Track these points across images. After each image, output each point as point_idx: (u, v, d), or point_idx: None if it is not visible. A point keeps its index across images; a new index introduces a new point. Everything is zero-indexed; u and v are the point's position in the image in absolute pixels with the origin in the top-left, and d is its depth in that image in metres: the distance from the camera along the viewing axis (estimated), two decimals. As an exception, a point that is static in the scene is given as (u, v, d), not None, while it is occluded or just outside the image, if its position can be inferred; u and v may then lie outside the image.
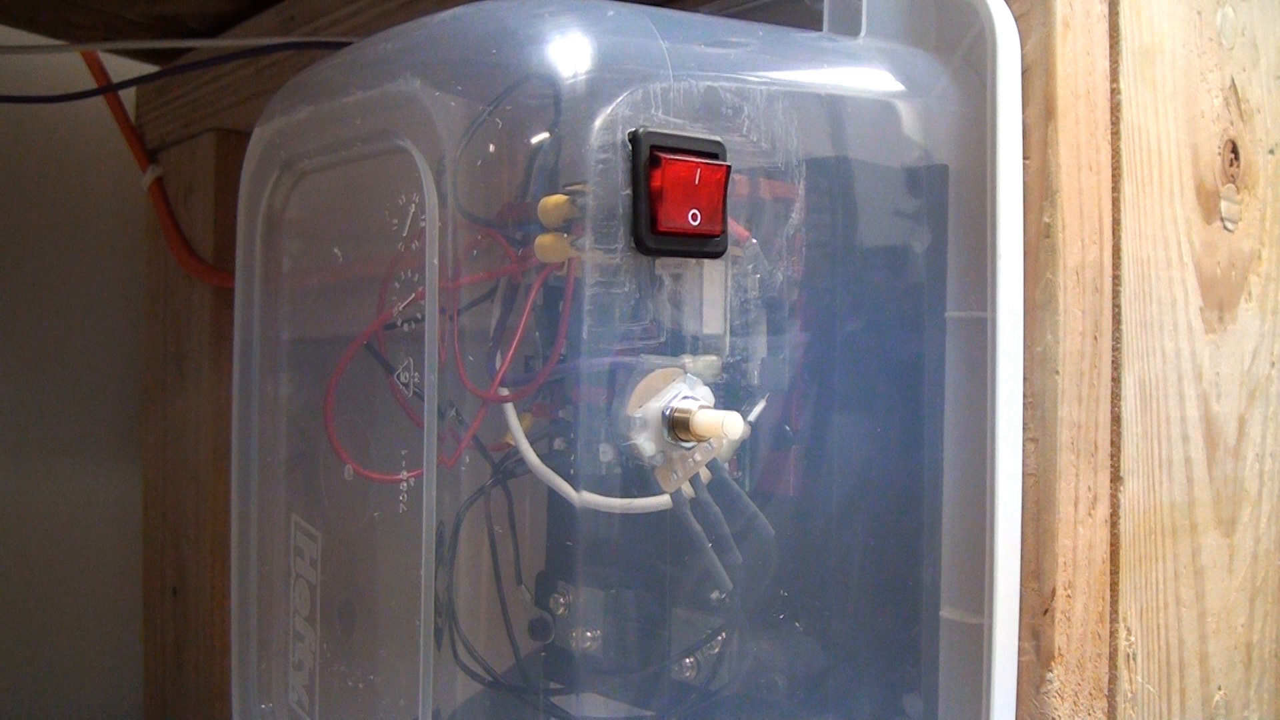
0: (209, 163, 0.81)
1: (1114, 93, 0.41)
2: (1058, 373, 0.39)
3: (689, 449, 0.34)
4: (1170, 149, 0.43)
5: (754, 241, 0.36)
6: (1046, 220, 0.39)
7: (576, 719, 0.34)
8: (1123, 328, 0.41)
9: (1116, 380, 0.41)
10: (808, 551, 0.39)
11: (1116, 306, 0.41)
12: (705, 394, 0.35)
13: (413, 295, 0.39)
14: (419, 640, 0.36)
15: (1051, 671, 0.38)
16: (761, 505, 0.37)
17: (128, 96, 0.86)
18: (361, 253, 0.44)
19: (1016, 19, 0.39)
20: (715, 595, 0.36)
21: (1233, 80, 0.46)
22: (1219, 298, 0.46)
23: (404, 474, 0.39)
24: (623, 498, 0.34)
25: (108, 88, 0.78)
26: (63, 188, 0.88)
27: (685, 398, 0.34)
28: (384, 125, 0.39)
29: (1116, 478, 0.41)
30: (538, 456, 0.34)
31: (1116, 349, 0.41)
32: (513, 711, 0.37)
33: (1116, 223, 0.41)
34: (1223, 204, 0.46)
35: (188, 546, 0.84)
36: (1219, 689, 0.46)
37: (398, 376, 0.39)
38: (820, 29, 0.42)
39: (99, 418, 0.91)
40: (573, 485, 0.33)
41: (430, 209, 0.35)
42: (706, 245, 0.34)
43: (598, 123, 0.32)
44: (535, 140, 0.34)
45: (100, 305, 0.91)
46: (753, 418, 0.36)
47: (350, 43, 0.46)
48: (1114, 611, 0.41)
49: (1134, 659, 0.41)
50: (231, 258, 0.49)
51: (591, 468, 0.33)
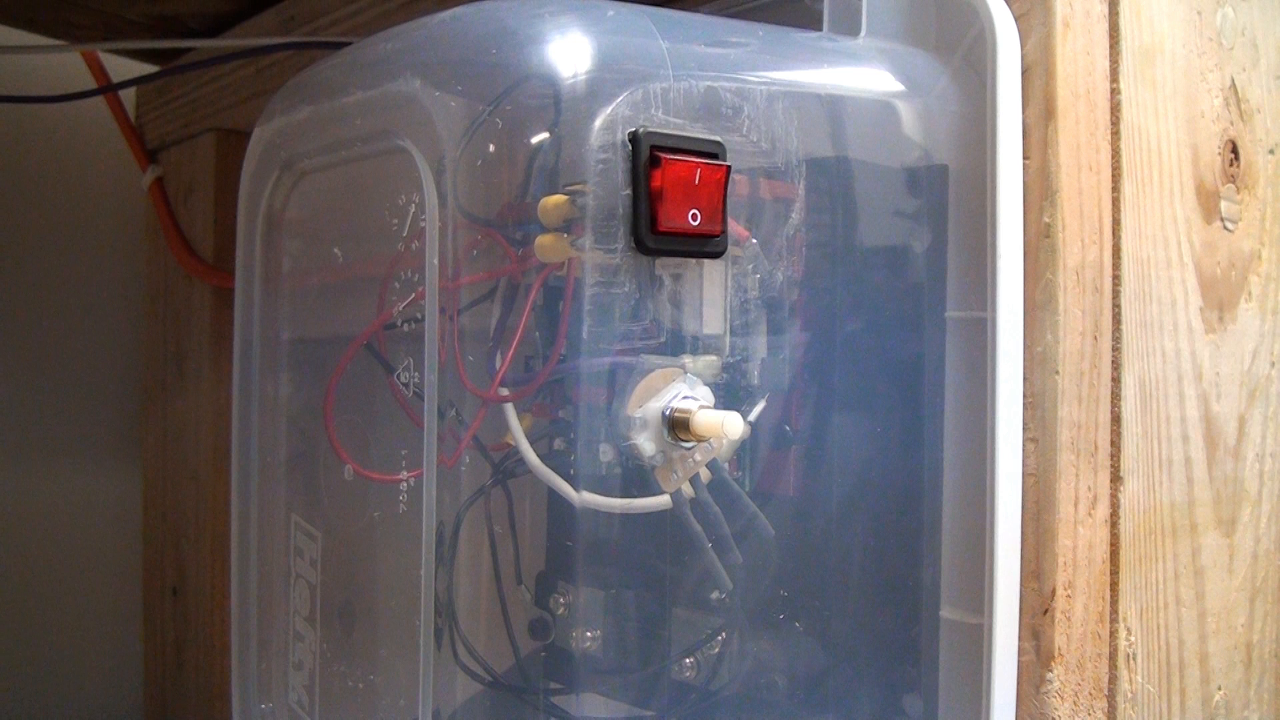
0: (209, 163, 0.81)
1: (1114, 93, 0.41)
2: (1058, 373, 0.39)
3: (689, 449, 0.34)
4: (1170, 149, 0.43)
5: (754, 241, 0.36)
6: (1046, 220, 0.39)
7: (576, 719, 0.34)
8: (1123, 328, 0.41)
9: (1116, 380, 0.41)
10: (808, 551, 0.39)
11: (1116, 306, 0.41)
12: (705, 394, 0.35)
13: (413, 295, 0.39)
14: (419, 640, 0.36)
15: (1051, 671, 0.38)
16: (761, 505, 0.37)
17: (128, 96, 0.86)
18: (361, 253, 0.44)
19: (1016, 19, 0.39)
20: (715, 595, 0.36)
21: (1233, 80, 0.46)
22: (1219, 298, 0.46)
23: (404, 474, 0.39)
24: (623, 498, 0.34)
25: (108, 88, 0.78)
26: (63, 188, 0.88)
27: (685, 398, 0.34)
28: (384, 125, 0.39)
29: (1116, 478, 0.41)
30: (538, 456, 0.34)
31: (1116, 349, 0.41)
32: (513, 711, 0.37)
33: (1116, 223, 0.41)
34: (1223, 204, 0.46)
35: (188, 546, 0.84)
36: (1219, 689, 0.46)
37: (398, 376, 0.39)
38: (820, 29, 0.42)
39: (99, 418, 0.91)
40: (573, 485, 0.33)
41: (430, 209, 0.35)
42: (706, 245, 0.34)
43: (598, 123, 0.32)
44: (535, 140, 0.34)
45: (100, 305, 0.91)
46: (753, 418, 0.36)
47: (350, 43, 0.46)
48: (1114, 611, 0.41)
49: (1134, 659, 0.41)
50: (231, 258, 0.49)
51: (591, 468, 0.33)
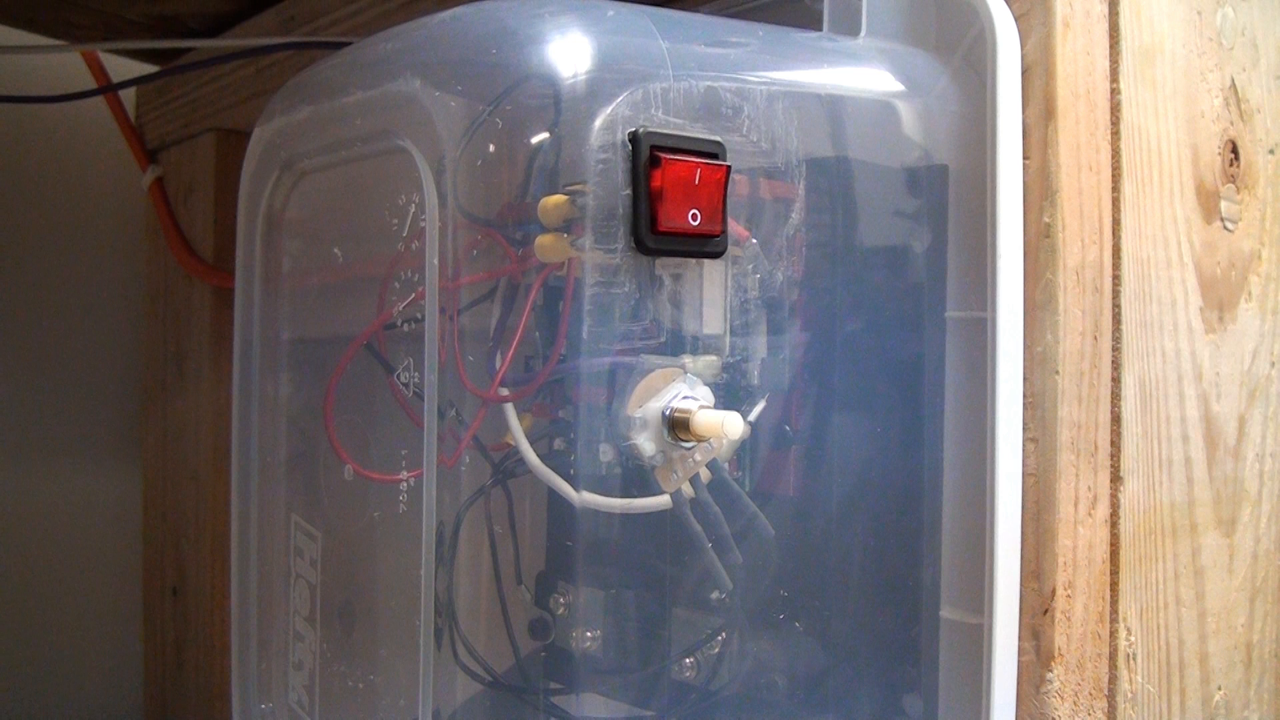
0: (209, 163, 0.81)
1: (1114, 93, 0.41)
2: (1058, 373, 0.39)
3: (689, 449, 0.34)
4: (1170, 149, 0.43)
5: (754, 241, 0.36)
6: (1046, 220, 0.39)
7: (576, 719, 0.34)
8: (1123, 328, 0.41)
9: (1116, 380, 0.41)
10: (808, 551, 0.39)
11: (1116, 306, 0.41)
12: (705, 394, 0.35)
13: (413, 295, 0.39)
14: (419, 640, 0.36)
15: (1051, 671, 0.38)
16: (761, 505, 0.37)
17: (128, 96, 0.86)
18: (361, 253, 0.44)
19: (1016, 19, 0.39)
20: (715, 595, 0.36)
21: (1233, 80, 0.46)
22: (1219, 298, 0.46)
23: (404, 474, 0.39)
24: (623, 498, 0.34)
25: (108, 88, 0.78)
26: (63, 188, 0.88)
27: (685, 398, 0.34)
28: (384, 125, 0.39)
29: (1116, 478, 0.41)
30: (538, 456, 0.34)
31: (1116, 349, 0.41)
32: (513, 711, 0.37)
33: (1116, 223, 0.41)
34: (1223, 204, 0.46)
35: (188, 546, 0.84)
36: (1219, 689, 0.46)
37: (398, 376, 0.39)
38: (820, 29, 0.42)
39: (99, 418, 0.91)
40: (573, 485, 0.33)
41: (430, 209, 0.35)
42: (706, 245, 0.34)
43: (598, 123, 0.32)
44: (535, 140, 0.34)
45: (100, 305, 0.91)
46: (753, 418, 0.36)
47: (350, 43, 0.46)
48: (1114, 611, 0.41)
49: (1134, 659, 0.41)
50: (231, 258, 0.49)
51: (591, 468, 0.33)
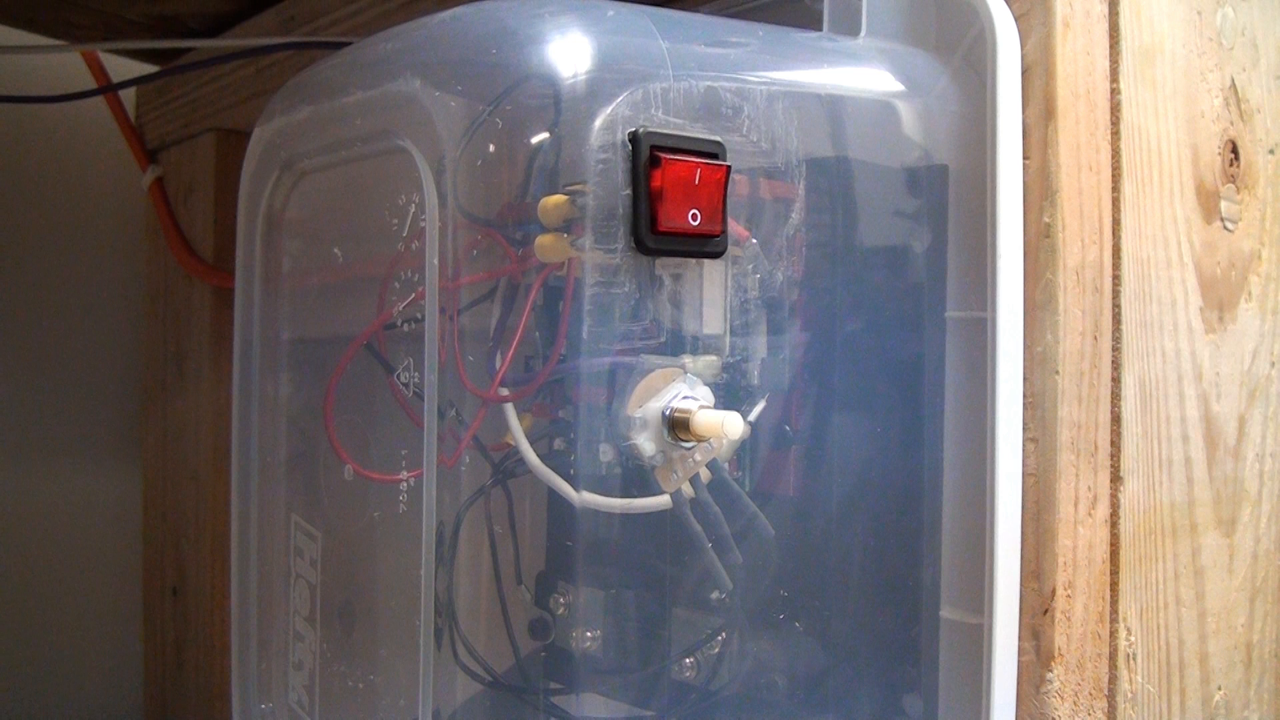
0: (209, 163, 0.81)
1: (1114, 93, 0.41)
2: (1058, 373, 0.39)
3: (689, 449, 0.34)
4: (1170, 149, 0.43)
5: (754, 241, 0.36)
6: (1046, 220, 0.39)
7: (576, 719, 0.34)
8: (1123, 328, 0.41)
9: (1116, 380, 0.41)
10: (808, 551, 0.39)
11: (1116, 306, 0.41)
12: (705, 394, 0.35)
13: (413, 295, 0.39)
14: (419, 640, 0.36)
15: (1051, 671, 0.38)
16: (761, 505, 0.37)
17: (128, 96, 0.86)
18: (361, 253, 0.44)
19: (1016, 19, 0.39)
20: (715, 595, 0.36)
21: (1233, 80, 0.46)
22: (1219, 298, 0.46)
23: (404, 474, 0.39)
24: (623, 498, 0.34)
25: (108, 88, 0.78)
26: (63, 188, 0.88)
27: (685, 398, 0.34)
28: (384, 125, 0.39)
29: (1116, 478, 0.41)
30: (538, 456, 0.34)
31: (1116, 349, 0.41)
32: (513, 711, 0.37)
33: (1116, 223, 0.41)
34: (1223, 204, 0.46)
35: (188, 546, 0.84)
36: (1219, 689, 0.46)
37: (398, 376, 0.39)
38: (820, 29, 0.42)
39: (99, 418, 0.91)
40: (573, 485, 0.33)
41: (430, 209, 0.35)
42: (706, 245, 0.34)
43: (598, 123, 0.32)
44: (535, 140, 0.34)
45: (100, 305, 0.91)
46: (753, 418, 0.36)
47: (350, 43, 0.46)
48: (1114, 611, 0.41)
49: (1134, 659, 0.41)
50: (231, 258, 0.49)
51: (591, 468, 0.33)
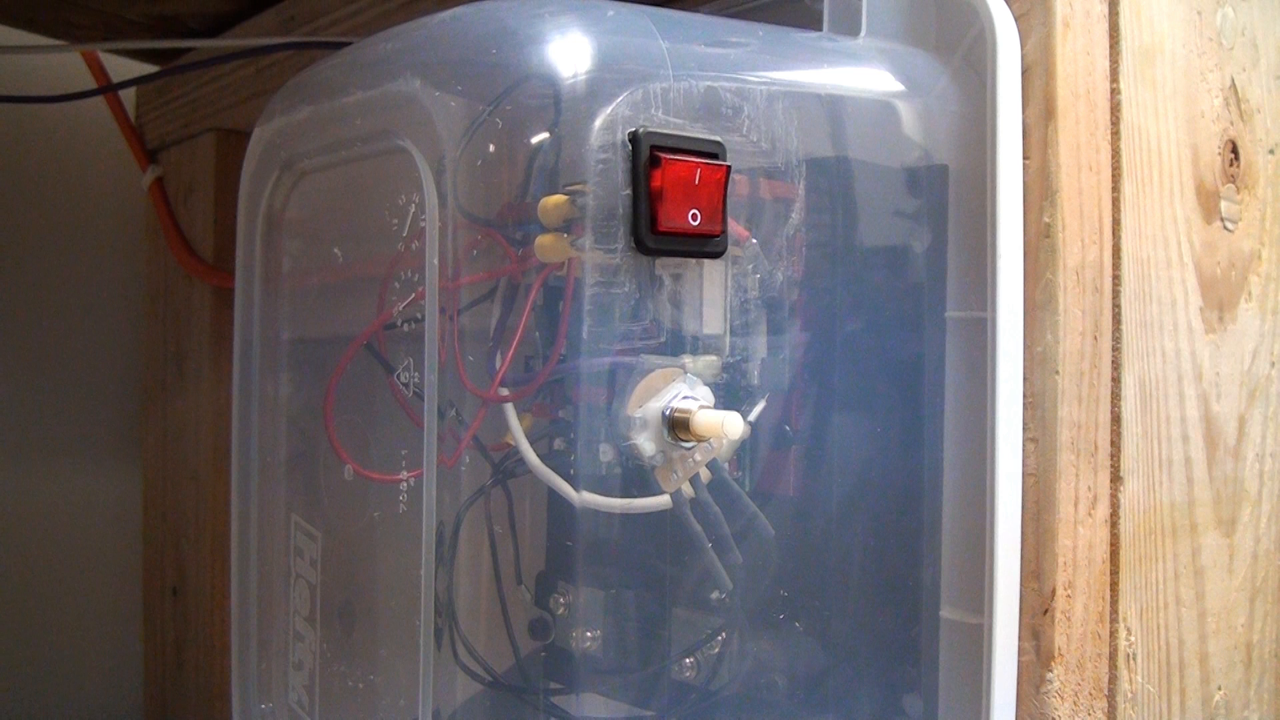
0: (209, 163, 0.81)
1: (1114, 93, 0.41)
2: (1058, 373, 0.39)
3: (689, 449, 0.34)
4: (1170, 149, 0.43)
5: (754, 241, 0.36)
6: (1046, 220, 0.39)
7: (576, 719, 0.34)
8: (1123, 328, 0.41)
9: (1116, 380, 0.41)
10: (808, 551, 0.39)
11: (1116, 306, 0.41)
12: (705, 394, 0.35)
13: (413, 295, 0.39)
14: (419, 640, 0.36)
15: (1051, 671, 0.38)
16: (761, 505, 0.37)
17: (128, 96, 0.86)
18: (361, 253, 0.44)
19: (1016, 19, 0.39)
20: (715, 595, 0.36)
21: (1233, 80, 0.46)
22: (1219, 298, 0.46)
23: (404, 474, 0.39)
24: (623, 498, 0.34)
25: (108, 88, 0.78)
26: (63, 188, 0.88)
27: (685, 398, 0.34)
28: (384, 125, 0.39)
29: (1116, 478, 0.41)
30: (538, 456, 0.34)
31: (1116, 349, 0.41)
32: (513, 711, 0.37)
33: (1116, 223, 0.41)
34: (1223, 204, 0.46)
35: (188, 546, 0.84)
36: (1219, 689, 0.46)
37: (398, 376, 0.39)
38: (820, 29, 0.42)
39: (99, 418, 0.91)
40: (573, 485, 0.33)
41: (430, 209, 0.35)
42: (706, 245, 0.34)
43: (598, 123, 0.32)
44: (535, 140, 0.34)
45: (100, 305, 0.91)
46: (753, 418, 0.36)
47: (350, 43, 0.46)
48: (1114, 611, 0.41)
49: (1134, 659, 0.41)
50: (231, 258, 0.49)
51: (591, 468, 0.33)
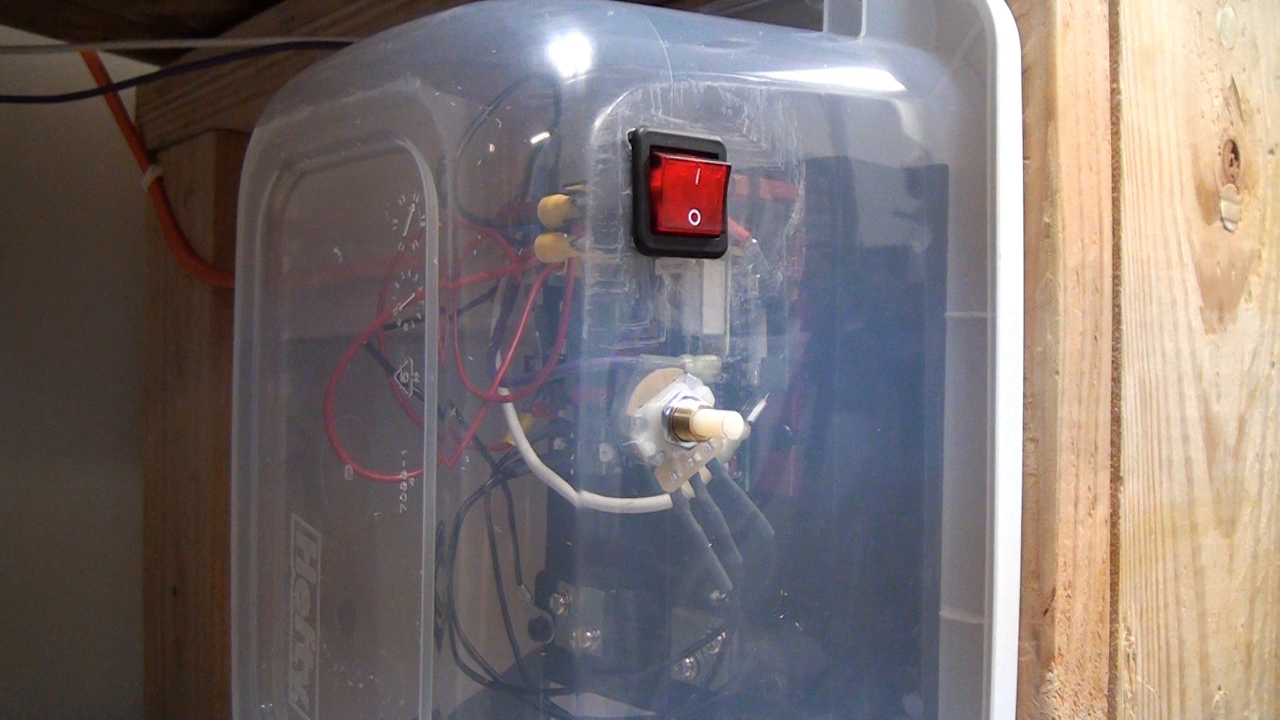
0: (209, 163, 0.81)
1: (1114, 93, 0.41)
2: (1058, 373, 0.39)
3: (689, 449, 0.34)
4: (1170, 149, 0.43)
5: (754, 241, 0.36)
6: (1046, 220, 0.39)
7: (576, 719, 0.34)
8: (1123, 328, 0.41)
9: (1116, 380, 0.41)
10: (808, 551, 0.39)
11: (1116, 306, 0.41)
12: (705, 394, 0.35)
13: (413, 295, 0.39)
14: (419, 640, 0.36)
15: (1051, 671, 0.38)
16: (761, 505, 0.37)
17: (128, 96, 0.86)
18: (361, 253, 0.44)
19: (1016, 19, 0.39)
20: (715, 595, 0.36)
21: (1233, 80, 0.46)
22: (1219, 298, 0.46)
23: (404, 474, 0.39)
24: (623, 498, 0.34)
25: (108, 88, 0.78)
26: (63, 188, 0.88)
27: (685, 398, 0.34)
28: (384, 125, 0.39)
29: (1116, 478, 0.41)
30: (538, 456, 0.34)
31: (1116, 349, 0.41)
32: (513, 711, 0.37)
33: (1116, 223, 0.41)
34: (1223, 204, 0.46)
35: (188, 546, 0.84)
36: (1219, 689, 0.46)
37: (398, 376, 0.39)
38: (820, 29, 0.42)
39: (99, 418, 0.91)
40: (573, 485, 0.33)
41: (430, 209, 0.35)
42: (706, 245, 0.34)
43: (598, 123, 0.32)
44: (535, 140, 0.34)
45: (100, 305, 0.91)
46: (753, 418, 0.36)
47: (350, 43, 0.46)
48: (1114, 611, 0.41)
49: (1134, 659, 0.41)
50: (231, 258, 0.49)
51: (591, 468, 0.33)
